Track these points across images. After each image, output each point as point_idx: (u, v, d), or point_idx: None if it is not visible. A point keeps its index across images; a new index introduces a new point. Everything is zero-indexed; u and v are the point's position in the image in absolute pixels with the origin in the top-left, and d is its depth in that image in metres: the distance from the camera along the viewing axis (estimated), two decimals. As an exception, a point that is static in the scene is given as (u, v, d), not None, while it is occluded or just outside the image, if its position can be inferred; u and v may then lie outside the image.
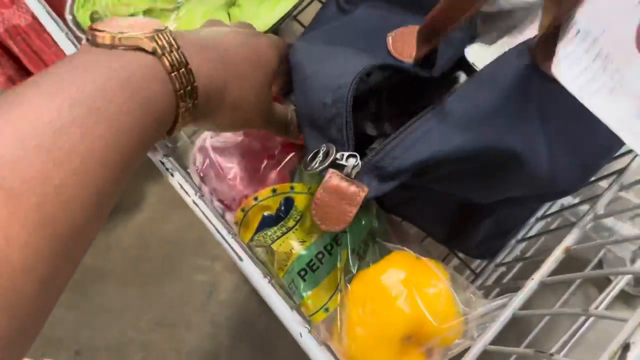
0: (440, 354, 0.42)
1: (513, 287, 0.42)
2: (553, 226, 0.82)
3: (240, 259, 0.31)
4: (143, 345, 1.17)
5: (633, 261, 1.04)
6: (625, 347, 0.23)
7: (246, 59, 0.34)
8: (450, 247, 0.56)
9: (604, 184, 0.58)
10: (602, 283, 1.06)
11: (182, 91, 0.28)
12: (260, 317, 1.19)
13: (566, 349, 0.80)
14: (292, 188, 0.44)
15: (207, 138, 0.47)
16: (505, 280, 0.54)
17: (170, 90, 0.28)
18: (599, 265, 1.10)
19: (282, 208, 0.44)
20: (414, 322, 0.40)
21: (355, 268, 0.42)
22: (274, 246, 0.43)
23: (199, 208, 0.34)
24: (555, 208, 0.54)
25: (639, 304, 1.02)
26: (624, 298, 1.10)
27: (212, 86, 0.31)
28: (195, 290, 1.22)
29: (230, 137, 0.46)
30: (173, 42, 0.28)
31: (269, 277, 0.30)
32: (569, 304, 1.14)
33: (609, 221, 0.99)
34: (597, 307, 0.93)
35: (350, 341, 0.41)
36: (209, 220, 0.33)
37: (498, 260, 0.52)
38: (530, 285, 0.39)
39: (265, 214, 0.44)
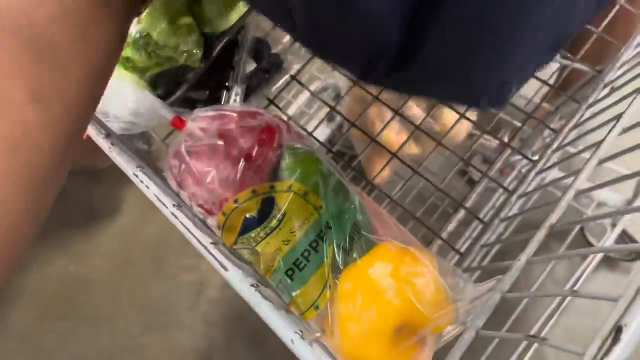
0: (433, 341, 0.42)
1: (499, 268, 0.42)
2: (534, 198, 0.83)
3: (225, 269, 0.31)
4: (136, 350, 1.16)
5: (614, 225, 1.06)
6: (618, 330, 0.23)
7: None
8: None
9: (586, 154, 0.58)
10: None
11: None
12: (252, 312, 1.19)
13: (553, 319, 0.82)
14: (272, 187, 0.44)
15: (181, 143, 0.46)
16: (486, 262, 0.54)
17: None
18: (581, 231, 1.12)
19: (264, 208, 0.43)
20: (405, 313, 0.40)
21: (343, 263, 0.42)
22: (259, 248, 0.43)
23: (178, 219, 0.33)
24: (534, 185, 0.54)
25: (620, 266, 1.03)
26: (607, 262, 1.13)
27: None
28: (184, 290, 1.21)
29: (205, 140, 0.45)
30: None
31: (255, 285, 0.30)
32: (554, 272, 1.16)
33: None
34: (582, 274, 0.95)
35: (343, 337, 0.41)
36: (189, 231, 0.33)
37: (483, 240, 0.52)
38: (517, 266, 0.39)
39: (247, 215, 0.43)
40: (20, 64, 0.21)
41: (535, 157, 0.72)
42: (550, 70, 0.82)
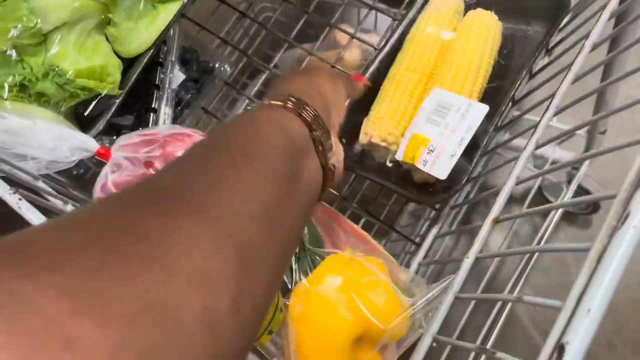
0: (394, 348, 0.41)
1: (453, 260, 0.41)
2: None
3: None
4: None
5: (569, 182, 1.08)
6: (561, 349, 0.22)
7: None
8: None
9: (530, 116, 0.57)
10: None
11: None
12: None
13: (521, 280, 0.83)
14: (209, 212, 0.42)
15: (107, 174, 0.43)
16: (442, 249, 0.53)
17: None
18: (539, 191, 1.14)
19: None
20: (360, 326, 0.39)
21: (292, 283, 0.40)
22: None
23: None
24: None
25: (579, 219, 1.05)
26: (567, 217, 1.15)
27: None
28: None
29: (132, 170, 0.43)
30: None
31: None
32: (519, 233, 1.18)
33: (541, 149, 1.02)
34: (544, 232, 0.97)
35: (301, 358, 0.39)
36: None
37: (434, 230, 0.51)
38: (466, 265, 0.38)
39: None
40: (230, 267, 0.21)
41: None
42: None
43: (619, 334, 1.08)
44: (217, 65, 0.58)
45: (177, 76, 0.56)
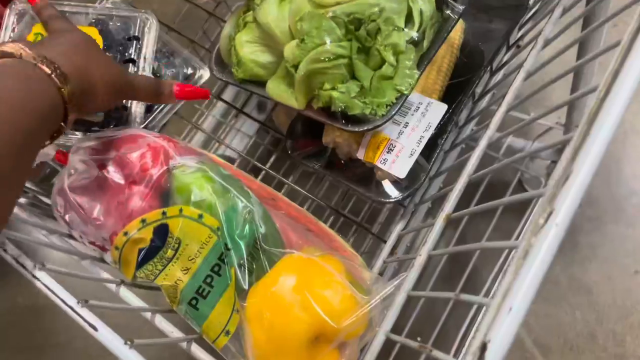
0: (352, 345, 0.41)
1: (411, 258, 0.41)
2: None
3: (95, 329, 0.29)
4: (96, 371, 1.12)
5: (548, 175, 1.08)
6: (483, 347, 0.22)
7: (87, 49, 0.42)
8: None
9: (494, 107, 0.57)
10: (523, 207, 1.09)
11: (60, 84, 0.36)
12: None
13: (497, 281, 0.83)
14: (164, 213, 0.42)
15: (64, 178, 0.43)
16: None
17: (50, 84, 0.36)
18: (520, 185, 1.14)
19: (158, 238, 0.41)
20: (316, 325, 0.39)
21: (247, 283, 0.40)
22: (158, 282, 0.41)
23: (40, 282, 0.31)
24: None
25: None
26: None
27: (79, 72, 0.39)
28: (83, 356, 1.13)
29: (87, 173, 0.42)
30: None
31: (129, 342, 0.28)
32: (500, 225, 1.18)
33: (518, 143, 1.02)
34: (525, 223, 0.96)
35: (258, 358, 0.39)
36: (53, 292, 0.30)
37: (399, 227, 0.51)
38: (419, 262, 0.38)
39: (140, 247, 0.41)
40: None
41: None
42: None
43: (601, 325, 1.09)
44: (190, 71, 0.57)
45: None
